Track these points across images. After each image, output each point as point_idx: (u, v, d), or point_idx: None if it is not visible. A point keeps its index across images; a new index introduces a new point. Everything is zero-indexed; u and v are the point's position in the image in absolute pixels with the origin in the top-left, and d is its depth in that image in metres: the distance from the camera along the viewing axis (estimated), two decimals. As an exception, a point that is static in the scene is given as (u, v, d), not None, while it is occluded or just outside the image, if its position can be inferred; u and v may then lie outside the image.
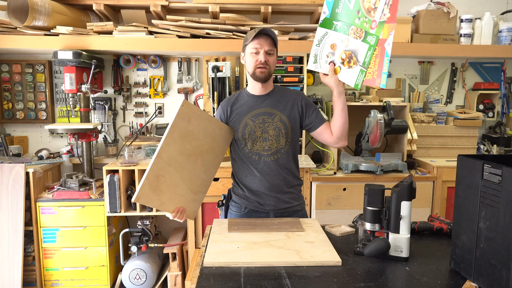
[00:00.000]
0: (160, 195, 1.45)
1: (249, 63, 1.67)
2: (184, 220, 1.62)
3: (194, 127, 1.53)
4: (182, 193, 1.53)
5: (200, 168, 1.59)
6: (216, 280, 1.11)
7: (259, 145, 1.69)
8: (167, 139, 1.44)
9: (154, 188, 1.42)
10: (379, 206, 1.28)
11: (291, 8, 2.89)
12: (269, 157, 1.70)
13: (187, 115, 1.50)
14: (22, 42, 2.65)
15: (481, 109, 3.23)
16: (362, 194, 1.33)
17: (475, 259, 1.08)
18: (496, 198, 1.00)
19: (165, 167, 1.45)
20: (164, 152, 1.44)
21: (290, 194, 1.75)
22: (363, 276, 1.15)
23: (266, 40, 1.63)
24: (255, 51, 1.64)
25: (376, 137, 2.66)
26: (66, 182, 2.67)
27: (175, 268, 2.72)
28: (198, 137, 1.55)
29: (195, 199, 1.60)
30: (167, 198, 1.48)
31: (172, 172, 1.47)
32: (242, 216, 1.77)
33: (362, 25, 1.53)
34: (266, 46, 1.63)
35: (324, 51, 1.64)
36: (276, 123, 1.69)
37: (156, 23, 2.72)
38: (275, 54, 1.68)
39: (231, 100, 1.77)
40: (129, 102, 3.14)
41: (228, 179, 2.62)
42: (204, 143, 1.58)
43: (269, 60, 1.65)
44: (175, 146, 1.47)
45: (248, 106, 1.73)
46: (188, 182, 1.55)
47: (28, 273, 2.69)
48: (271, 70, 1.67)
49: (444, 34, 2.92)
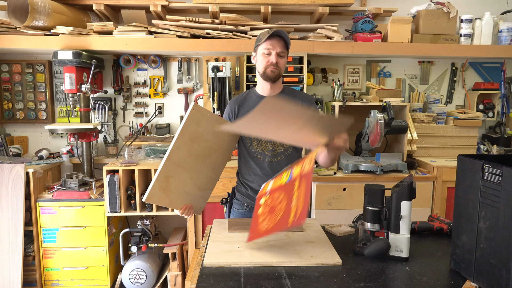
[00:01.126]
0: (169, 194, 1.50)
1: (260, 63, 1.68)
2: (192, 216, 1.66)
3: (203, 129, 1.55)
4: (190, 191, 1.57)
5: (208, 167, 1.62)
6: (216, 280, 1.11)
7: (263, 145, 1.70)
8: (177, 142, 1.48)
9: (163, 188, 1.47)
10: (379, 206, 1.28)
11: (291, 8, 2.89)
12: (272, 158, 1.71)
13: (197, 118, 1.53)
14: (22, 42, 2.65)
15: (481, 109, 3.23)
16: (362, 194, 1.33)
17: (475, 259, 1.08)
18: (496, 198, 1.00)
19: (175, 168, 1.49)
20: (174, 155, 1.48)
21: None
22: (363, 276, 1.15)
23: (278, 42, 1.63)
24: (267, 52, 1.65)
25: (376, 137, 2.66)
26: (66, 182, 2.66)
27: (175, 268, 2.72)
28: (207, 138, 1.57)
29: (202, 196, 1.64)
30: (176, 197, 1.52)
31: (181, 172, 1.51)
32: (244, 214, 1.79)
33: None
34: (278, 48, 1.63)
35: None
36: None
37: (156, 23, 2.72)
38: (286, 57, 1.68)
39: (240, 99, 1.79)
40: (129, 102, 3.14)
41: (228, 179, 2.63)
42: (213, 143, 1.61)
43: (279, 62, 1.65)
44: (185, 148, 1.51)
45: (255, 106, 1.72)
46: (196, 181, 1.58)
47: (28, 273, 2.69)
48: (281, 71, 1.68)
49: (444, 34, 2.92)
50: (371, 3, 3.14)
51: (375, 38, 2.85)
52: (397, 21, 2.87)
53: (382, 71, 3.25)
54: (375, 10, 2.97)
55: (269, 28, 1.65)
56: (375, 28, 2.88)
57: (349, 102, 2.81)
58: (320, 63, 3.20)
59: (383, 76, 3.26)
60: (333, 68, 3.21)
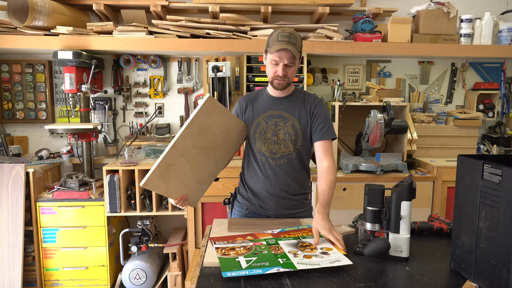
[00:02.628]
0: (167, 183, 1.47)
1: (269, 72, 1.65)
2: (186, 207, 1.64)
3: (212, 122, 1.54)
4: (188, 183, 1.56)
5: (210, 161, 1.61)
6: (216, 280, 1.11)
7: (267, 147, 1.68)
8: (185, 131, 1.46)
9: (163, 176, 1.45)
10: (379, 206, 1.28)
11: (291, 8, 2.89)
12: (275, 160, 1.68)
13: (209, 111, 1.51)
14: (22, 42, 2.65)
15: (481, 109, 3.23)
16: (362, 194, 1.33)
17: (475, 259, 1.08)
18: (496, 198, 1.00)
19: (178, 157, 1.47)
20: (180, 144, 1.46)
21: (293, 202, 1.72)
22: (363, 276, 1.15)
23: (287, 53, 1.55)
24: (274, 63, 1.60)
25: (376, 137, 2.66)
26: (66, 182, 2.66)
27: (175, 268, 2.72)
28: (214, 132, 1.57)
29: (199, 189, 1.63)
30: (173, 186, 1.50)
31: (183, 162, 1.49)
32: (244, 216, 1.77)
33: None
34: (286, 59, 1.57)
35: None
36: (287, 128, 1.67)
37: (156, 23, 2.72)
38: (296, 64, 1.62)
39: (250, 96, 1.78)
40: (129, 102, 3.14)
41: (228, 179, 2.63)
42: (219, 138, 1.60)
43: (288, 72, 1.61)
44: (191, 139, 1.49)
45: (264, 106, 1.72)
46: (196, 173, 1.57)
47: (28, 273, 2.69)
48: (290, 80, 1.64)
49: (444, 34, 2.92)
50: (371, 3, 3.14)
51: (375, 38, 2.85)
52: (397, 21, 2.87)
53: (382, 71, 3.25)
54: (375, 10, 2.97)
55: (279, 29, 1.60)
56: (375, 28, 2.88)
57: (349, 102, 2.81)
58: (320, 63, 3.20)
59: (383, 76, 3.26)
60: (333, 68, 3.21)
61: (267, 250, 1.27)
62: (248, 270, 1.13)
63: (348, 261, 1.19)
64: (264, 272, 1.12)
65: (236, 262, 1.19)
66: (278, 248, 1.30)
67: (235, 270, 1.13)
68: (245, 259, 1.20)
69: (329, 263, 1.18)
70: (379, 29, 2.90)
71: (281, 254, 1.24)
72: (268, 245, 1.33)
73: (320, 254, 1.25)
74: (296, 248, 1.30)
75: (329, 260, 1.20)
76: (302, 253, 1.26)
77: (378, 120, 2.62)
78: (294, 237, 1.40)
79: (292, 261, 1.19)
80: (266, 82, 2.80)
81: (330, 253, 1.26)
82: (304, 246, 1.32)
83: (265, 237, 1.40)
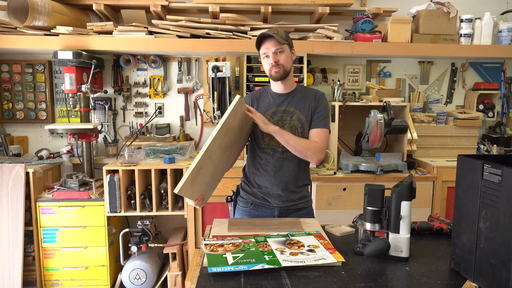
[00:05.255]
0: (194, 186, 1.45)
1: (265, 66, 1.72)
2: (202, 206, 1.63)
3: (236, 122, 1.55)
4: (207, 182, 1.55)
5: (225, 158, 1.62)
6: (216, 280, 1.11)
7: (275, 141, 1.70)
8: (218, 134, 1.44)
9: (193, 179, 1.42)
10: (379, 206, 1.28)
11: (291, 8, 2.89)
12: (282, 153, 1.73)
13: (236, 111, 1.51)
14: (22, 42, 2.65)
15: (481, 109, 3.23)
16: (362, 194, 1.33)
17: (475, 259, 1.08)
18: (496, 198, 1.00)
19: (207, 159, 1.45)
20: (211, 146, 1.44)
21: (297, 194, 1.77)
22: (363, 276, 1.15)
23: (270, 42, 1.65)
24: (265, 55, 1.68)
25: (376, 137, 2.66)
26: (66, 182, 2.66)
27: (175, 268, 2.72)
28: (235, 131, 1.57)
29: (212, 187, 1.63)
30: (197, 188, 1.49)
31: (209, 163, 1.48)
32: (249, 210, 1.81)
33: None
34: (272, 47, 1.65)
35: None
36: (293, 122, 1.72)
37: (156, 23, 2.72)
38: (285, 50, 1.67)
39: (256, 94, 1.82)
40: (129, 102, 3.14)
41: (228, 179, 2.62)
42: (236, 136, 1.61)
43: (280, 59, 1.66)
44: (219, 140, 1.48)
45: (269, 103, 1.77)
46: (214, 172, 1.57)
47: (28, 273, 2.69)
48: (285, 67, 1.68)
49: (444, 34, 2.92)
50: (371, 3, 3.14)
51: (375, 38, 2.85)
52: (397, 21, 2.87)
53: (382, 71, 3.25)
54: (375, 10, 2.97)
55: (266, 29, 1.66)
56: (375, 28, 2.88)
57: (349, 102, 2.81)
58: (320, 63, 3.20)
59: (383, 76, 3.26)
60: (333, 68, 3.21)
61: (255, 247, 1.29)
62: (233, 266, 1.14)
63: (333, 259, 1.20)
64: (249, 269, 1.13)
65: (223, 258, 1.20)
66: (266, 245, 1.32)
67: (221, 265, 1.15)
68: (232, 255, 1.22)
69: (314, 260, 1.19)
70: (379, 29, 2.90)
71: (268, 251, 1.26)
72: (256, 242, 1.35)
73: (306, 252, 1.27)
74: (284, 245, 1.32)
75: (315, 258, 1.21)
76: (289, 250, 1.27)
77: (378, 120, 2.62)
78: (283, 235, 1.41)
79: (278, 258, 1.21)
80: (266, 82, 2.80)
81: (316, 250, 1.28)
82: (291, 244, 1.34)
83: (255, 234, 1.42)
